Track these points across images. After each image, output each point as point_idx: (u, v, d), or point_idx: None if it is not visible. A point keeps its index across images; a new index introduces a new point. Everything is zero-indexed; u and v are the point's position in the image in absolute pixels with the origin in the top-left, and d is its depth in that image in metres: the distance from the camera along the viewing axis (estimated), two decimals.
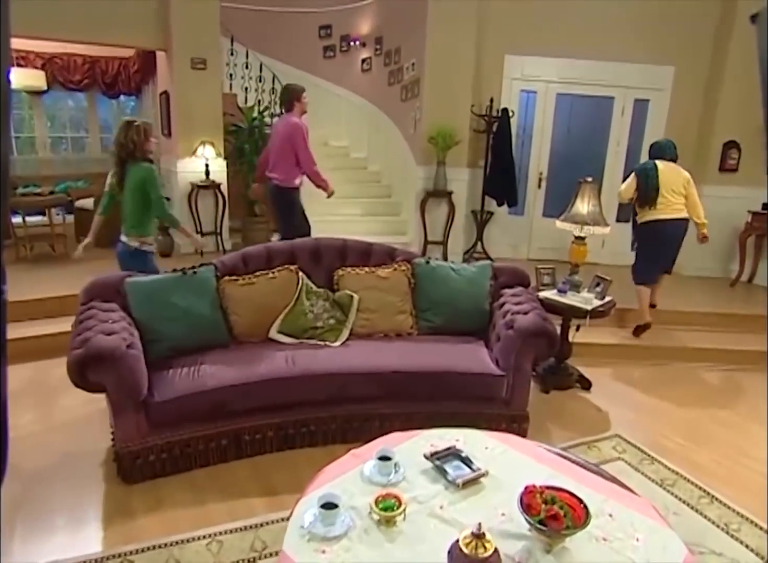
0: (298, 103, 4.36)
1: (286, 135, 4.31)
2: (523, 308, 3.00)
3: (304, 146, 4.28)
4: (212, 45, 5.74)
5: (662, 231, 4.16)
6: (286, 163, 4.37)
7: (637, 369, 4.05)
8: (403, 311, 3.26)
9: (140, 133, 3.30)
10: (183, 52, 5.62)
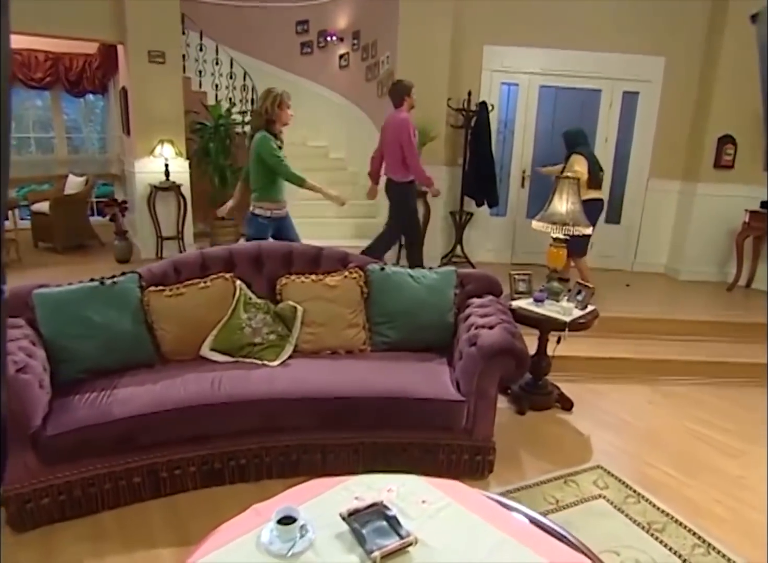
0: (407, 98, 4.34)
1: (395, 130, 4.29)
2: (490, 321, 2.61)
3: (409, 141, 4.26)
4: (172, 37, 5.37)
5: (599, 209, 4.56)
6: (396, 158, 4.34)
7: (625, 385, 3.64)
8: (354, 325, 2.87)
9: (275, 103, 3.35)
10: (139, 45, 5.25)
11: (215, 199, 6.20)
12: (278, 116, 3.43)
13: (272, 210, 3.60)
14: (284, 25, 7.91)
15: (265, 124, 3.41)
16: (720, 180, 5.23)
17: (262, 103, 3.39)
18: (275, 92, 3.41)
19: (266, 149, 3.39)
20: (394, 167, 4.39)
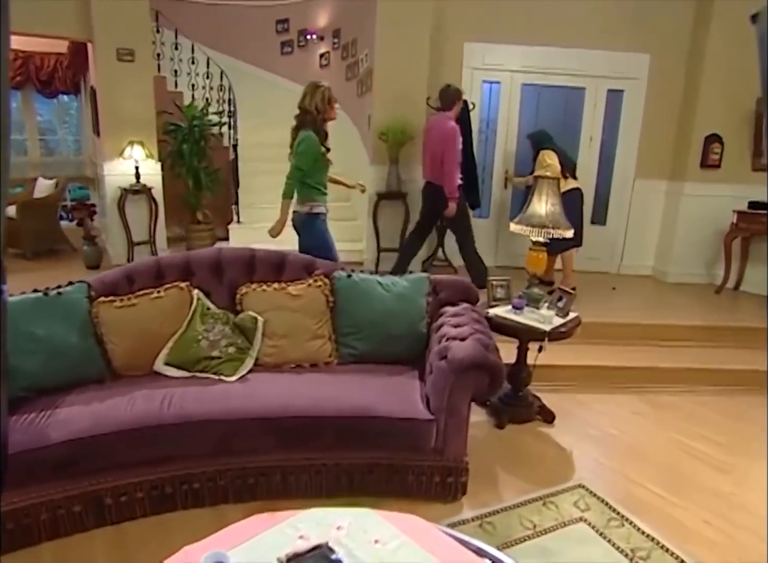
0: (458, 102, 4.33)
1: (442, 137, 4.21)
2: (462, 332, 2.43)
3: (454, 148, 4.20)
4: (141, 34, 5.17)
5: (580, 197, 4.53)
6: (438, 162, 4.23)
7: (611, 395, 3.48)
8: (319, 336, 2.68)
9: (324, 99, 3.17)
10: (107, 43, 5.04)
11: (190, 202, 6.02)
12: (328, 114, 3.24)
13: (325, 207, 3.40)
14: (265, 24, 7.74)
15: (314, 123, 3.19)
16: (707, 180, 5.09)
17: (310, 100, 3.17)
18: (323, 87, 3.20)
19: (305, 150, 3.15)
20: (440, 172, 4.26)
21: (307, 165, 3.20)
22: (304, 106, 3.20)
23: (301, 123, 3.23)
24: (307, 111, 3.18)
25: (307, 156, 3.18)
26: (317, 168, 3.25)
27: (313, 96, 3.17)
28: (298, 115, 3.26)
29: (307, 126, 3.20)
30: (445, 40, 5.01)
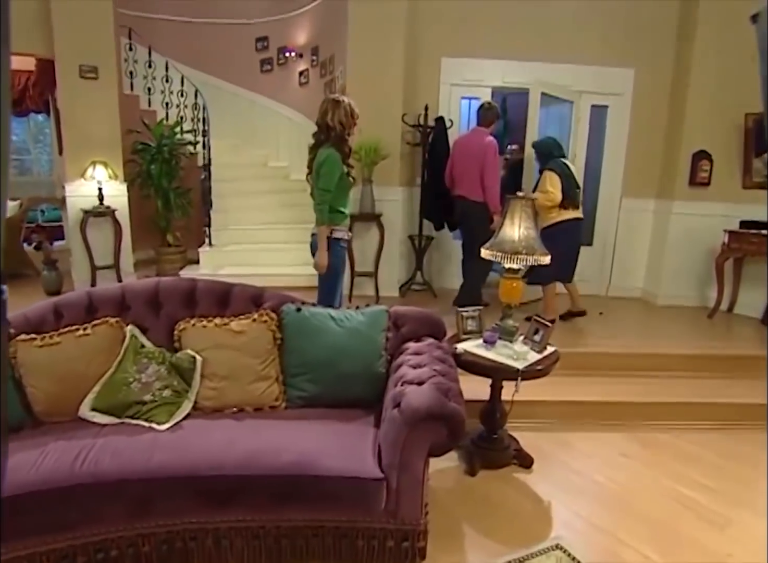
0: (496, 121, 4.33)
1: (480, 150, 4.13)
2: (421, 374, 2.16)
3: (495, 164, 4.19)
4: (105, 51, 4.96)
5: (577, 229, 4.22)
6: (475, 177, 4.16)
7: (597, 433, 3.19)
8: (264, 378, 2.40)
9: (348, 113, 2.98)
10: (69, 59, 4.83)
11: (160, 224, 5.77)
12: (351, 129, 3.03)
13: (347, 232, 3.19)
14: (244, 43, 7.57)
15: (338, 139, 2.97)
16: (696, 198, 4.88)
17: (333, 115, 2.94)
18: (345, 101, 2.99)
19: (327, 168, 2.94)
20: (474, 188, 4.16)
21: (334, 185, 2.97)
22: (326, 122, 2.97)
23: (321, 140, 3.00)
24: (330, 127, 2.96)
25: (332, 176, 2.96)
26: (339, 188, 3.02)
27: (335, 111, 2.96)
28: (316, 132, 3.04)
29: (329, 143, 2.97)
30: (421, 55, 4.84)
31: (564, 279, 4.25)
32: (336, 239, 3.06)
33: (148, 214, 5.82)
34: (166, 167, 5.55)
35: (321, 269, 3.06)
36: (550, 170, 4.09)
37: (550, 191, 4.03)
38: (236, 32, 7.48)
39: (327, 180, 2.94)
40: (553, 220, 4.11)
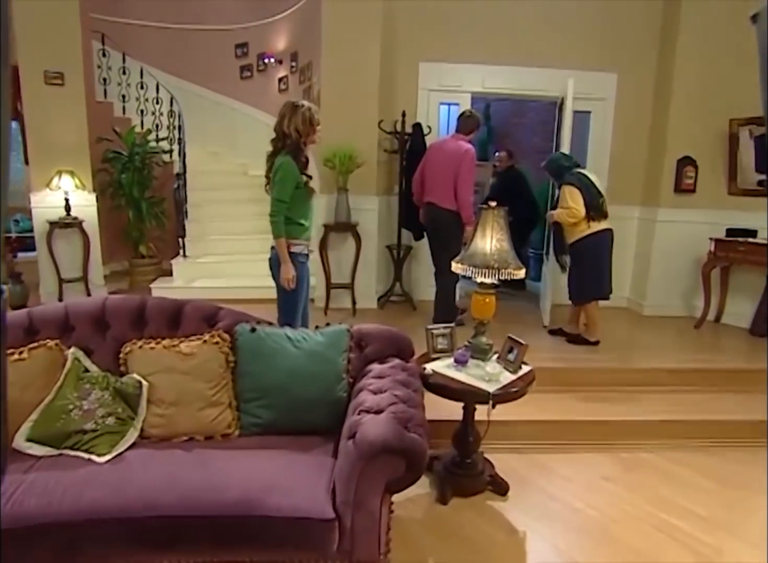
0: (476, 130, 4.17)
1: (457, 157, 3.96)
2: (381, 400, 1.99)
3: (471, 173, 4.01)
4: (72, 56, 4.79)
5: (610, 240, 3.91)
6: (448, 184, 3.98)
7: (579, 454, 3.03)
8: (216, 404, 2.23)
9: (306, 120, 2.78)
10: (33, 65, 4.67)
11: (132, 235, 5.59)
12: (309, 137, 2.84)
13: (307, 246, 3.00)
14: (224, 49, 7.44)
15: (294, 147, 2.80)
16: (682, 205, 4.76)
17: (289, 122, 2.77)
18: (304, 106, 2.81)
19: (281, 177, 2.77)
20: (446, 195, 3.99)
21: (288, 196, 2.80)
22: (282, 130, 2.80)
23: (278, 148, 2.83)
24: (286, 134, 2.79)
25: (286, 185, 2.78)
26: (296, 199, 2.84)
27: (292, 117, 2.78)
28: (274, 139, 2.86)
29: (285, 151, 2.80)
30: (398, 60, 4.70)
31: (604, 295, 3.97)
32: (293, 253, 2.88)
33: (120, 224, 5.65)
34: (138, 176, 5.38)
35: (289, 284, 2.89)
36: (569, 185, 3.85)
37: (572, 206, 3.78)
38: (216, 38, 7.35)
39: (281, 190, 2.78)
40: (583, 233, 3.85)
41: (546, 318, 4.47)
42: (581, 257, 3.92)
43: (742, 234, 4.33)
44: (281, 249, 2.84)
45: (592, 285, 3.92)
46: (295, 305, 2.92)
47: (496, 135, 7.04)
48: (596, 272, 3.90)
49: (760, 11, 0.71)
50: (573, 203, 3.79)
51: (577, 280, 3.98)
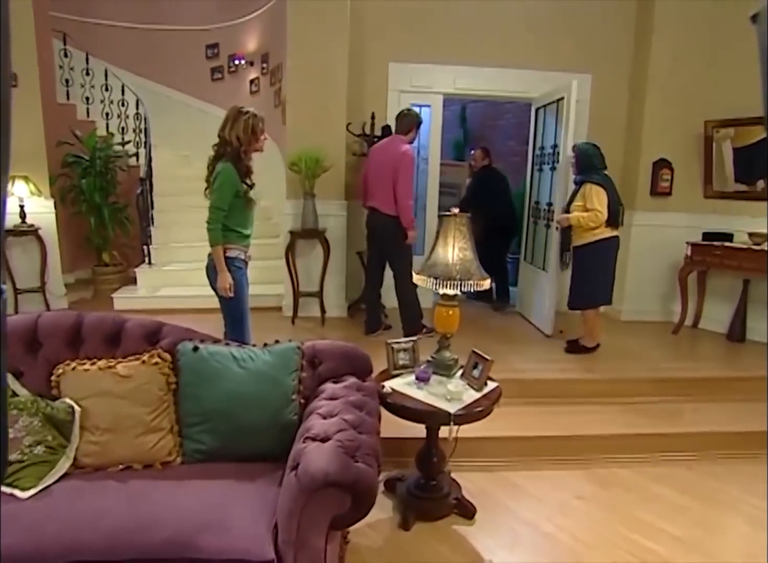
0: (415, 130, 3.96)
1: (395, 160, 3.78)
2: (329, 426, 1.84)
3: (409, 175, 3.85)
4: (27, 56, 4.58)
5: (615, 247, 3.76)
6: (388, 188, 3.81)
7: (550, 473, 2.90)
8: (155, 429, 2.06)
9: (248, 128, 2.65)
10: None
11: (94, 242, 5.38)
12: (252, 146, 2.71)
13: (245, 252, 2.86)
14: (194, 50, 7.24)
15: (235, 155, 2.65)
16: (658, 209, 4.68)
17: (231, 129, 2.65)
18: (248, 114, 2.67)
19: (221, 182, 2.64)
20: (387, 199, 3.82)
21: (226, 204, 2.65)
22: (224, 136, 2.68)
23: (220, 154, 2.70)
24: (227, 141, 2.67)
25: (224, 193, 2.65)
26: (235, 208, 2.70)
27: (235, 124, 2.66)
28: (216, 144, 2.72)
29: (226, 158, 2.67)
30: (367, 60, 4.56)
31: (606, 301, 3.86)
32: (229, 258, 2.73)
33: (83, 231, 5.43)
34: (100, 181, 5.17)
35: (226, 292, 2.73)
36: (598, 185, 3.63)
37: (597, 209, 3.57)
38: (186, 39, 7.15)
39: (219, 197, 2.65)
40: (593, 238, 3.68)
41: (548, 327, 4.32)
42: (588, 261, 3.76)
43: (718, 238, 4.25)
44: (218, 258, 2.70)
45: (597, 291, 3.78)
46: (241, 313, 2.77)
47: (471, 138, 6.94)
48: (602, 277, 3.76)
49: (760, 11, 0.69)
50: (599, 205, 3.60)
51: (581, 285, 3.80)
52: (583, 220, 3.65)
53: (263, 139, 2.75)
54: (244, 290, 2.80)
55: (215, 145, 2.72)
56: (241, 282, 2.78)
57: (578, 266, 3.83)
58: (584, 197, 3.68)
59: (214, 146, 2.72)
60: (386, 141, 4.01)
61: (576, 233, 3.78)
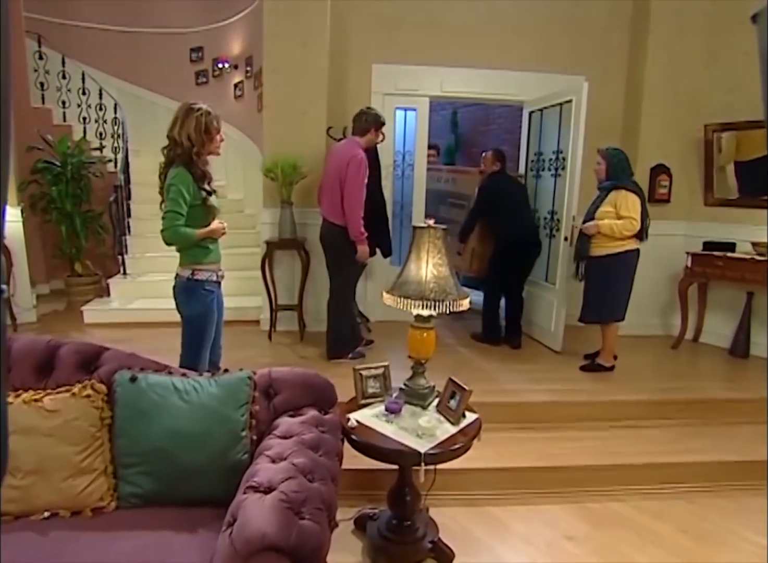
0: (374, 132, 3.60)
1: (344, 163, 3.43)
2: (274, 473, 1.60)
3: (357, 179, 3.41)
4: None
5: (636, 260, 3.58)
6: (336, 196, 3.50)
7: (538, 507, 2.65)
8: (86, 471, 1.82)
9: (200, 127, 2.35)
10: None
11: (66, 252, 5.15)
12: (206, 148, 2.41)
13: (216, 271, 2.55)
14: (178, 54, 7.04)
15: (186, 157, 2.37)
16: (656, 217, 4.36)
17: (180, 128, 2.37)
18: (200, 110, 2.38)
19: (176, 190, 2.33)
20: (335, 208, 3.52)
21: (183, 209, 2.35)
22: (173, 136, 2.39)
23: (171, 159, 2.39)
24: (177, 142, 2.37)
25: (179, 199, 2.34)
26: (194, 218, 2.40)
27: (185, 123, 2.36)
28: (166, 147, 2.42)
29: (178, 162, 2.37)
30: (349, 61, 4.35)
31: (621, 318, 3.65)
32: (198, 281, 2.47)
33: (56, 241, 5.20)
34: (72, 188, 4.93)
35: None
36: (632, 192, 3.44)
37: (633, 217, 3.38)
38: (169, 42, 6.95)
39: (174, 202, 2.33)
40: (617, 248, 3.49)
41: (557, 343, 4.09)
42: (611, 273, 3.54)
43: (720, 248, 4.02)
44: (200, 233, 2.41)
45: (618, 305, 3.57)
46: (201, 341, 2.50)
47: (463, 143, 6.72)
48: (623, 291, 3.57)
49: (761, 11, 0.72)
50: (635, 213, 3.40)
51: (601, 298, 3.57)
52: (616, 228, 3.42)
53: (219, 140, 2.47)
54: (212, 316, 2.52)
55: (164, 148, 2.42)
56: (210, 308, 2.50)
57: (598, 277, 3.57)
58: (616, 204, 3.45)
59: (164, 150, 2.43)
60: (341, 143, 3.70)
61: (599, 242, 3.52)
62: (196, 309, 2.45)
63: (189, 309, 2.47)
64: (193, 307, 2.45)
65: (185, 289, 2.46)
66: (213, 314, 2.51)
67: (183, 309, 2.48)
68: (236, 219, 6.10)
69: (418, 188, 4.62)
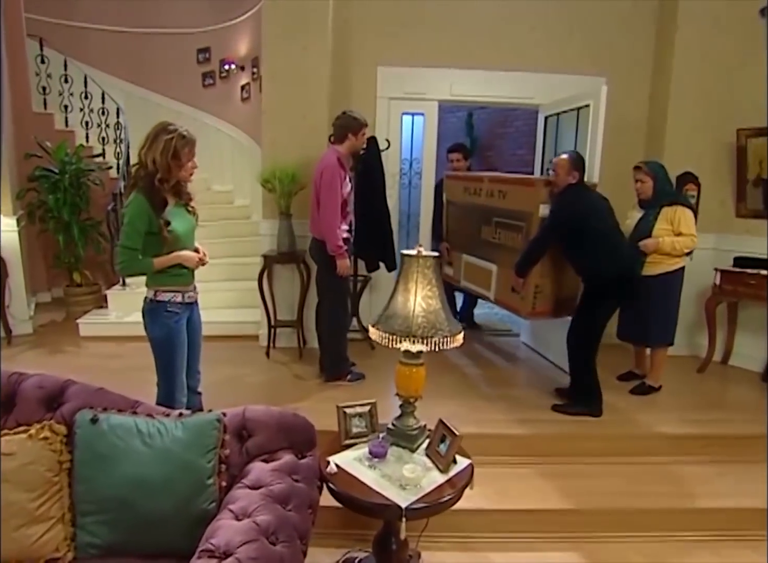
0: (353, 137, 3.36)
1: (318, 172, 3.30)
2: (234, 534, 1.41)
3: (332, 193, 3.20)
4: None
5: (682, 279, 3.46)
6: (314, 208, 3.37)
7: (537, 555, 2.40)
8: (41, 519, 1.67)
9: (167, 152, 2.14)
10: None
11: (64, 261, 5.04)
12: (172, 174, 2.20)
13: (183, 292, 2.36)
14: (185, 54, 6.91)
15: (147, 182, 2.16)
16: None
17: (147, 150, 2.16)
18: (173, 134, 2.17)
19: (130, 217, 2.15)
20: (313, 220, 3.38)
21: (138, 243, 2.18)
22: (140, 156, 2.19)
23: (135, 180, 2.20)
24: (141, 164, 2.18)
25: (133, 231, 2.16)
26: (150, 248, 2.22)
27: (153, 144, 2.16)
28: (134, 165, 2.24)
29: (138, 187, 2.17)
30: (352, 64, 4.15)
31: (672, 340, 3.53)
32: (160, 302, 2.28)
33: (48, 252, 5.12)
34: (69, 197, 4.82)
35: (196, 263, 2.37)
36: (687, 208, 3.34)
37: (695, 235, 3.30)
38: (176, 42, 6.82)
39: (127, 236, 2.16)
40: (673, 267, 3.37)
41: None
42: (668, 292, 3.41)
43: (752, 264, 3.70)
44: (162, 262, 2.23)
45: (673, 325, 3.49)
46: (171, 365, 2.32)
47: (479, 146, 6.45)
48: (675, 312, 3.46)
49: None
50: (694, 229, 3.30)
51: (664, 319, 3.44)
52: (678, 245, 3.26)
53: (192, 168, 2.26)
54: (178, 339, 2.33)
55: (134, 165, 2.25)
56: (175, 330, 2.31)
57: (656, 297, 3.38)
58: (673, 221, 3.30)
59: (133, 167, 2.25)
60: (325, 152, 3.47)
61: (655, 260, 3.34)
62: (159, 332, 2.28)
63: (152, 331, 2.31)
64: (155, 330, 2.29)
65: (148, 310, 2.30)
66: (179, 337, 2.32)
67: (148, 331, 2.31)
68: (241, 227, 5.95)
69: (426, 200, 4.38)
